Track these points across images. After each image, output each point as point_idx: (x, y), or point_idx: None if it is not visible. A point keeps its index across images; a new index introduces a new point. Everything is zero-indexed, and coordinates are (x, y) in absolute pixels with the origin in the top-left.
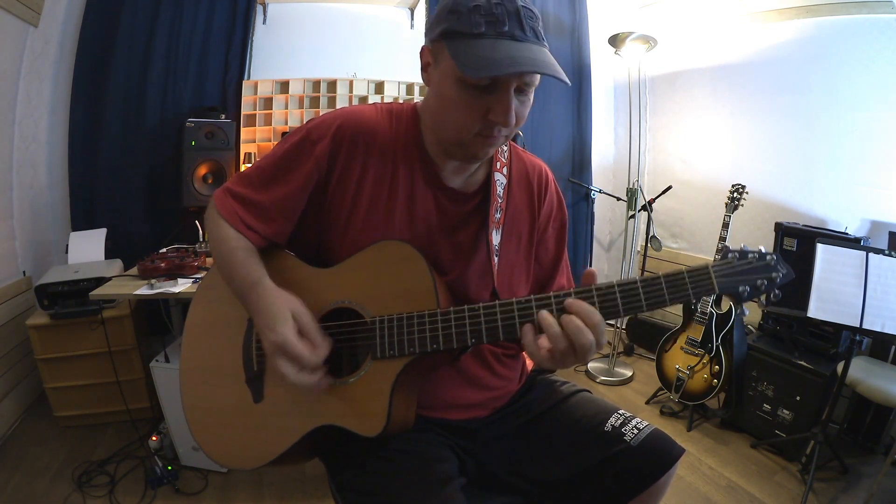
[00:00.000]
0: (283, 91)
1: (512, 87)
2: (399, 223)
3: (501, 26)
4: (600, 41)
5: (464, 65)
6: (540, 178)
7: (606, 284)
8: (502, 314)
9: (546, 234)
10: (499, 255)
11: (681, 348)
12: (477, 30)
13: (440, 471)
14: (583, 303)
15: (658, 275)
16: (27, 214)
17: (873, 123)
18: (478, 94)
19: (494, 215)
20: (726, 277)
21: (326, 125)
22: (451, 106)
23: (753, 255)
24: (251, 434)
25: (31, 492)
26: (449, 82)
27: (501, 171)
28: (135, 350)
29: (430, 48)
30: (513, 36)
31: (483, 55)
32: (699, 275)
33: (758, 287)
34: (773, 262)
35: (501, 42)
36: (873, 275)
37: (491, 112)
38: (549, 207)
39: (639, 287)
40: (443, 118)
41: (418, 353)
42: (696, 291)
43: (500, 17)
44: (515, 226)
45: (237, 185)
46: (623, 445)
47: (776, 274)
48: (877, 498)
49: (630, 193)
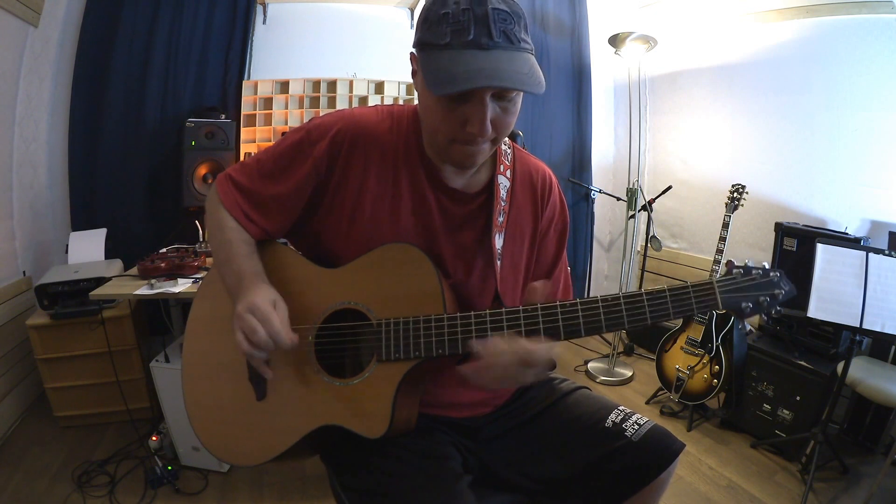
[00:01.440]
0: (283, 91)
1: (486, 96)
2: (403, 224)
3: (466, 35)
4: (600, 41)
5: (428, 81)
6: (543, 181)
7: (612, 296)
8: (509, 322)
9: (547, 237)
10: (501, 259)
11: (681, 348)
12: (443, 40)
13: (448, 468)
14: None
15: (664, 288)
16: (27, 214)
17: (873, 123)
18: (453, 104)
19: (497, 219)
20: (730, 294)
21: (326, 127)
22: (431, 115)
23: (758, 272)
24: (252, 431)
25: (31, 492)
26: (427, 92)
27: (505, 173)
28: (135, 350)
29: (415, 55)
30: (478, 45)
31: (445, 68)
32: (703, 291)
33: (760, 304)
34: (777, 279)
35: (465, 53)
36: (873, 275)
37: (468, 123)
38: (551, 211)
39: (644, 300)
40: (427, 126)
41: (423, 357)
42: (699, 306)
43: (465, 24)
44: (518, 228)
45: (239, 174)
46: (624, 441)
47: (779, 291)
48: (877, 498)
49: (630, 193)
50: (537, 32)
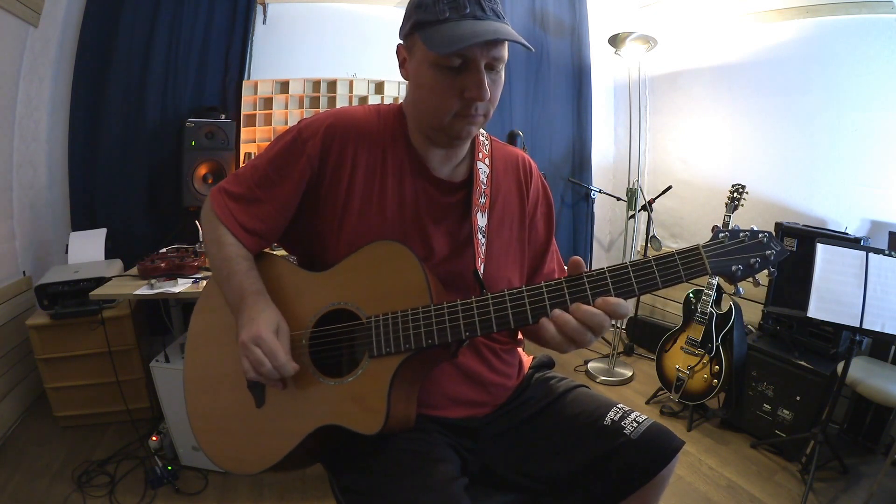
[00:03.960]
0: (283, 91)
1: (482, 64)
2: (391, 213)
3: (463, 10)
4: (600, 41)
5: (434, 46)
6: (523, 164)
7: (598, 271)
8: (495, 306)
9: (535, 218)
10: (485, 237)
11: (681, 348)
12: (442, 16)
13: (444, 471)
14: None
15: (649, 259)
16: (27, 214)
17: (873, 123)
18: (452, 75)
19: (479, 200)
20: (718, 258)
21: (317, 124)
22: (429, 91)
23: (745, 234)
24: (253, 439)
25: (31, 492)
26: (424, 69)
27: (484, 161)
28: (135, 350)
29: (403, 45)
30: (474, 16)
31: (449, 34)
32: (690, 256)
33: (752, 266)
34: (766, 239)
35: (464, 22)
36: (873, 275)
37: (466, 90)
38: (535, 192)
39: (629, 271)
40: (423, 105)
41: (414, 348)
42: (687, 273)
43: (462, 1)
44: (507, 210)
45: (232, 184)
46: (623, 439)
47: (770, 251)
48: (877, 498)
49: (630, 193)
50: (537, 32)
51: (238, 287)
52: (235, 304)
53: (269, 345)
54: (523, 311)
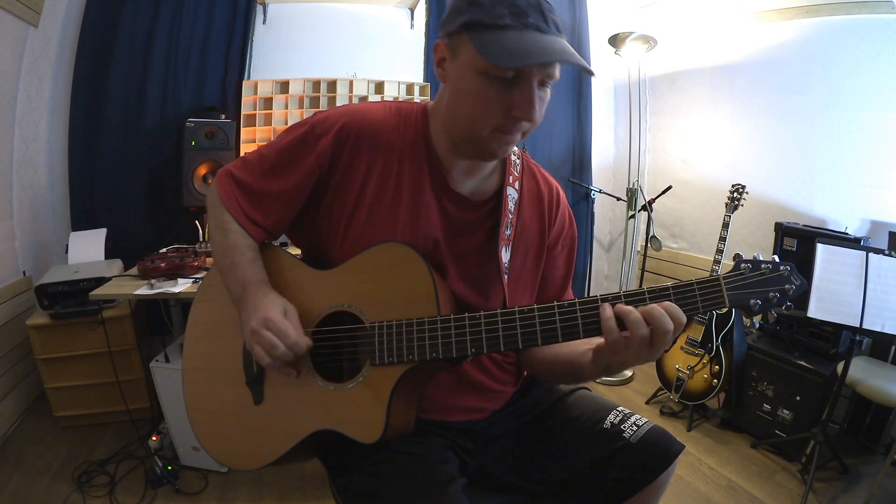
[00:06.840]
0: (283, 91)
1: (535, 81)
2: (402, 225)
3: (526, 18)
4: (600, 41)
5: (490, 55)
6: (551, 196)
7: (613, 294)
8: (503, 324)
9: (555, 251)
10: (508, 273)
11: (681, 348)
12: (502, 21)
13: (442, 472)
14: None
15: (667, 286)
16: (27, 214)
17: (873, 123)
18: (500, 87)
19: (504, 232)
20: (738, 290)
21: (331, 121)
22: (471, 100)
23: (767, 266)
24: (251, 435)
25: (31, 492)
26: (469, 75)
27: (514, 185)
28: (135, 350)
29: (446, 42)
30: (538, 28)
31: (511, 46)
32: (709, 288)
33: (770, 300)
34: (787, 273)
35: (528, 33)
36: (873, 275)
37: (515, 107)
38: (559, 227)
39: (646, 298)
40: (460, 113)
41: (417, 360)
42: (705, 304)
43: (524, 8)
44: (523, 241)
45: (240, 170)
46: (622, 442)
47: (790, 286)
48: (877, 498)
49: (630, 193)
50: None
51: (241, 276)
52: (238, 294)
53: (279, 325)
54: (533, 332)
